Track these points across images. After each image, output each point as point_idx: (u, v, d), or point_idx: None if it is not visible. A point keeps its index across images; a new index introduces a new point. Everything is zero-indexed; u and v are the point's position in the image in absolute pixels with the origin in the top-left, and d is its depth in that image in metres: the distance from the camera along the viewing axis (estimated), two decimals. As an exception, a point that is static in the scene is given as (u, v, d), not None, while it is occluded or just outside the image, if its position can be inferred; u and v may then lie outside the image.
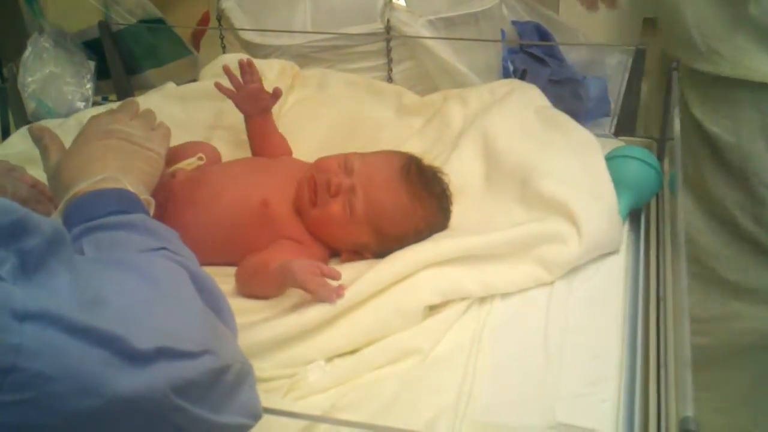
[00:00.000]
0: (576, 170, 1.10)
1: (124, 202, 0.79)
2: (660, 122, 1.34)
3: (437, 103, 1.36)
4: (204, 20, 2.08)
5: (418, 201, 1.07)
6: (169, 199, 1.09)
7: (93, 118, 0.97)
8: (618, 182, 1.10)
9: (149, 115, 1.01)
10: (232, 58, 1.44)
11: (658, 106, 1.39)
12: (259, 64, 1.43)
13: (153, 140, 0.95)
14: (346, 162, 1.08)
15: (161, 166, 0.96)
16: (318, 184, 1.07)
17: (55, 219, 0.77)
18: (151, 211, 0.86)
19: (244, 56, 1.45)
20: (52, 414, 0.49)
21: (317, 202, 1.07)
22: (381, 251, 1.05)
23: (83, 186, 0.79)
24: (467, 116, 1.26)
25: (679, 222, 0.94)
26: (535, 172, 1.10)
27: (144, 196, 0.86)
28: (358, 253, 1.09)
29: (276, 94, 1.22)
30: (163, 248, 0.70)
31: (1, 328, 0.45)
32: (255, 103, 1.23)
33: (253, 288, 1.02)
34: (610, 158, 1.14)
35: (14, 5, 1.44)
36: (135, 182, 0.86)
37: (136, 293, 0.60)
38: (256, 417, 0.67)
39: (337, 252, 1.11)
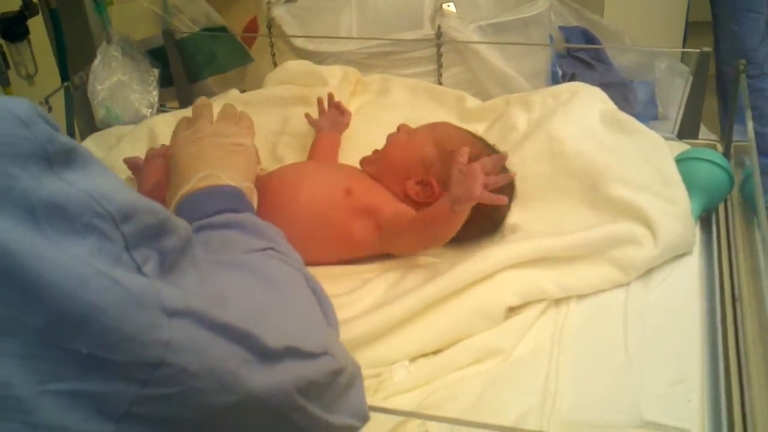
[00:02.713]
0: (648, 174, 1.11)
1: (232, 199, 0.81)
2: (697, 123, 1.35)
3: (500, 107, 1.37)
4: (251, 26, 2.11)
5: (481, 142, 1.16)
6: None
7: (176, 132, 1.00)
8: (688, 184, 1.11)
9: (229, 110, 1.03)
10: (297, 65, 1.47)
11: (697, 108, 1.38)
12: (321, 70, 1.47)
13: (240, 135, 0.99)
14: None
15: (255, 157, 1.01)
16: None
17: None
18: (255, 200, 0.89)
19: (309, 63, 1.48)
20: (191, 409, 0.50)
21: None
22: (447, 175, 1.04)
23: (189, 186, 0.81)
24: (531, 120, 1.27)
25: (761, 225, 0.94)
26: (605, 176, 1.11)
27: (246, 183, 0.88)
28: (425, 184, 1.11)
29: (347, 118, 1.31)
30: (271, 248, 0.72)
31: (152, 323, 0.46)
32: (332, 123, 1.29)
33: (431, 235, 1.04)
34: (679, 160, 1.15)
35: (82, 15, 1.46)
36: (236, 177, 0.89)
37: (257, 294, 0.61)
38: (364, 419, 0.68)
39: (405, 194, 1.12)
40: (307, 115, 1.30)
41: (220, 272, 0.60)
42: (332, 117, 1.30)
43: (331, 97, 1.30)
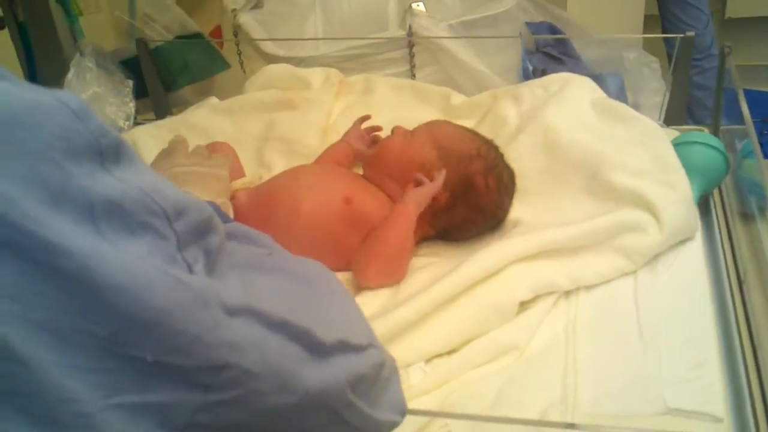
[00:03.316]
0: (646, 160, 1.10)
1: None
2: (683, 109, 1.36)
3: (487, 102, 1.36)
4: (215, 35, 2.07)
5: (478, 136, 1.14)
6: (240, 220, 1.08)
7: (152, 165, 1.01)
8: (686, 168, 1.10)
9: (201, 150, 1.04)
10: (277, 69, 1.44)
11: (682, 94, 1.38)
12: (303, 72, 1.44)
13: (215, 166, 1.00)
14: None
15: (229, 187, 1.02)
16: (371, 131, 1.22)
17: None
18: (230, 214, 0.87)
19: (289, 66, 1.45)
20: (252, 412, 0.47)
21: (378, 144, 1.16)
22: (448, 177, 1.07)
23: None
24: (522, 113, 1.26)
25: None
26: (604, 164, 1.10)
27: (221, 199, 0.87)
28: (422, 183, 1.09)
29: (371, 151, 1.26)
30: (270, 254, 0.69)
31: (215, 323, 0.43)
32: (358, 142, 1.27)
33: (397, 266, 1.03)
34: (675, 145, 1.15)
35: (51, 28, 1.42)
36: (210, 197, 0.89)
37: (294, 290, 0.59)
38: (403, 413, 0.66)
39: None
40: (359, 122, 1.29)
41: (250, 272, 0.58)
42: (362, 138, 1.26)
43: (375, 129, 1.29)
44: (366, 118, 1.27)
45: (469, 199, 1.07)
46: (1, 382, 0.38)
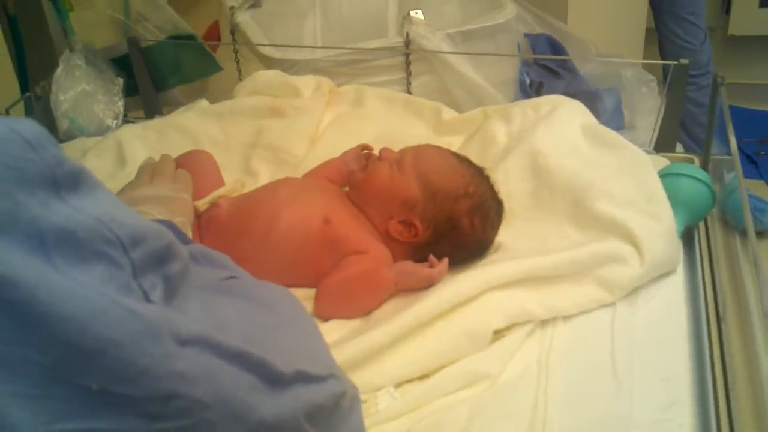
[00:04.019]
0: (632, 191, 1.10)
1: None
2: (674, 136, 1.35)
3: (478, 119, 1.35)
4: (212, 31, 2.06)
5: (468, 168, 1.10)
6: (219, 230, 1.07)
7: (117, 194, 1.01)
8: (671, 201, 1.10)
9: (166, 168, 1.06)
10: (268, 76, 1.43)
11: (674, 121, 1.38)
12: (293, 80, 1.43)
13: (177, 190, 1.01)
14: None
15: (192, 209, 1.03)
16: (368, 157, 1.17)
17: None
18: (189, 234, 0.88)
19: (280, 73, 1.44)
20: None
21: (366, 168, 1.12)
22: (432, 216, 1.05)
23: None
24: (511, 133, 1.25)
25: (751, 243, 0.93)
26: (590, 192, 1.10)
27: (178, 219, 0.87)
28: (407, 224, 1.07)
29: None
30: (232, 277, 0.68)
31: (165, 354, 0.43)
32: (356, 163, 1.23)
33: (339, 309, 1.01)
34: (661, 176, 1.14)
35: (42, 22, 1.41)
36: (168, 216, 0.89)
37: (256, 317, 0.58)
38: None
39: (387, 232, 1.08)
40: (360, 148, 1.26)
41: (215, 298, 0.57)
42: (358, 160, 1.22)
43: (367, 147, 1.25)
44: (367, 147, 1.24)
45: (452, 237, 1.06)
46: None
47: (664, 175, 1.14)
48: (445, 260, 1.01)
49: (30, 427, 0.39)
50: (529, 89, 2.04)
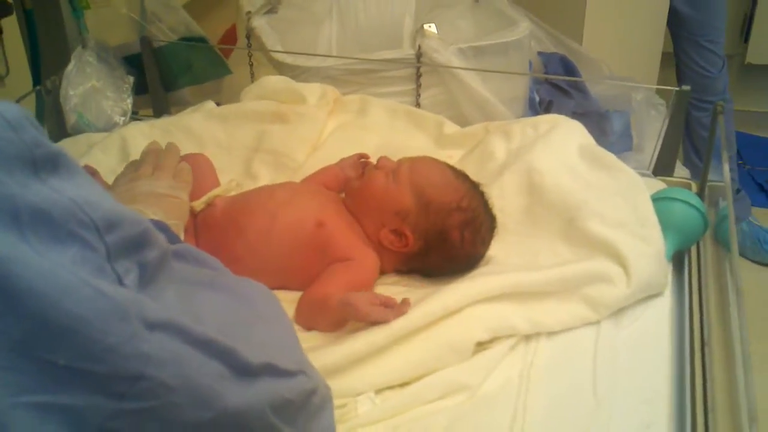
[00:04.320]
0: (624, 212, 1.10)
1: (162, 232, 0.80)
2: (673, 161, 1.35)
3: (479, 134, 1.36)
4: (229, 35, 2.09)
5: (463, 182, 1.11)
6: (214, 229, 1.09)
7: (121, 173, 1.04)
8: (663, 224, 1.10)
9: (170, 161, 1.06)
10: (275, 81, 1.45)
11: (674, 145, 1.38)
12: (300, 87, 1.45)
13: (176, 188, 1.02)
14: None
15: (187, 211, 1.03)
16: (365, 165, 1.18)
17: None
18: (181, 236, 0.89)
19: (287, 79, 1.46)
20: (167, 424, 0.48)
21: (363, 175, 1.13)
22: (423, 227, 1.06)
23: None
24: (510, 150, 1.26)
25: (734, 271, 0.94)
26: (582, 211, 1.11)
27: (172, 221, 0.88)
28: (399, 234, 1.08)
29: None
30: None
31: (133, 335, 0.44)
32: (354, 170, 1.24)
33: (315, 323, 1.02)
34: (655, 200, 1.15)
35: (58, 18, 1.43)
36: (163, 217, 0.90)
37: (234, 309, 0.60)
38: None
39: (378, 240, 1.09)
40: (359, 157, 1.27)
41: (194, 290, 0.59)
42: (355, 167, 1.24)
43: (364, 156, 1.27)
44: (365, 156, 1.26)
45: (442, 250, 1.08)
46: None
47: (658, 198, 1.15)
48: (407, 304, 0.96)
49: None
50: (539, 107, 2.05)
